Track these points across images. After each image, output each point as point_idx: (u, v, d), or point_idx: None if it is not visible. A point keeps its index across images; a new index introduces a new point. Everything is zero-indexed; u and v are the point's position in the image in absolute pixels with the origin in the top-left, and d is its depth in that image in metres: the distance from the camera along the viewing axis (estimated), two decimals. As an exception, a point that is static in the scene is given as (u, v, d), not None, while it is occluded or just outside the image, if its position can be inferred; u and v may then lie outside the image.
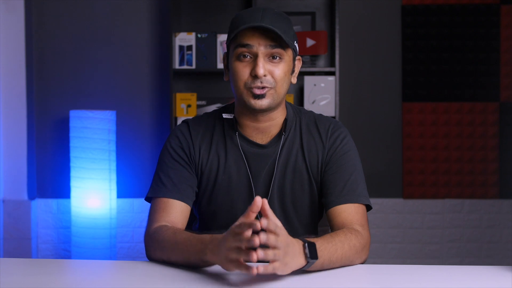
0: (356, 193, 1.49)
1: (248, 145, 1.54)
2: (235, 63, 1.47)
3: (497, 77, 3.30)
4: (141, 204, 3.30)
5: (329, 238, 1.32)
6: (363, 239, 1.40)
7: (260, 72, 1.43)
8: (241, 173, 1.53)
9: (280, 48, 1.45)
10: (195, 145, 1.55)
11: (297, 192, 1.54)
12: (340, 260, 1.32)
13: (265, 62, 1.44)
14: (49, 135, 3.31)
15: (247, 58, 1.45)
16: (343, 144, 1.55)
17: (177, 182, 1.51)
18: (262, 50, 1.44)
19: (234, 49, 1.47)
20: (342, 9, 3.23)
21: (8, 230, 3.20)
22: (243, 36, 1.45)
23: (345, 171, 1.52)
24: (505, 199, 3.32)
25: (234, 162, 1.54)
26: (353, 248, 1.35)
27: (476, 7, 3.30)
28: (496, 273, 1.32)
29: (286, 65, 1.48)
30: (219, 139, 1.56)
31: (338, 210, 1.47)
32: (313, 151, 1.55)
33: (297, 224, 1.55)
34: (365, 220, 1.48)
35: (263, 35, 1.43)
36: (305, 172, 1.54)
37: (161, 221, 1.45)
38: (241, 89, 1.47)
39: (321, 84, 3.08)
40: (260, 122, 1.53)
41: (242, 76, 1.46)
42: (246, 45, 1.44)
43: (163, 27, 3.30)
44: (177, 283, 1.22)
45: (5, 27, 3.18)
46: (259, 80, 1.44)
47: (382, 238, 3.35)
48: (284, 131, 1.54)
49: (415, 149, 3.33)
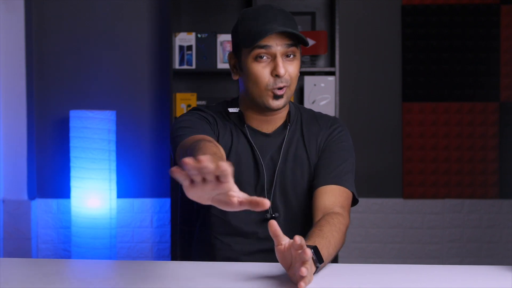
0: (343, 178, 1.53)
1: (254, 134, 1.59)
2: (252, 64, 1.49)
3: (497, 77, 3.30)
4: (141, 204, 3.31)
5: (319, 233, 1.33)
6: (344, 220, 1.43)
7: (282, 72, 1.46)
8: (249, 158, 1.57)
9: (295, 47, 1.49)
10: (213, 118, 1.58)
11: (298, 178, 1.58)
12: (334, 250, 1.35)
13: (284, 61, 1.48)
14: (49, 135, 3.31)
15: (264, 59, 1.48)
16: (341, 135, 1.61)
17: (203, 128, 1.51)
18: (280, 50, 1.47)
19: (251, 50, 1.48)
20: (342, 9, 3.23)
21: (8, 230, 3.20)
22: None
23: (337, 158, 1.56)
24: (505, 199, 3.32)
25: (244, 147, 1.57)
26: (340, 231, 1.39)
27: (476, 7, 3.30)
28: (496, 273, 1.32)
29: (298, 63, 1.53)
30: (231, 125, 1.60)
31: (323, 190, 1.51)
32: (313, 140, 1.60)
33: (296, 209, 1.57)
34: (347, 203, 1.52)
35: (280, 35, 1.46)
36: (306, 159, 1.59)
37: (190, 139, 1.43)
38: (262, 90, 1.49)
39: (321, 84, 3.08)
40: (266, 115, 1.58)
41: (263, 78, 1.48)
42: (265, 46, 1.46)
43: (163, 27, 3.30)
44: (177, 283, 1.22)
45: (5, 27, 3.18)
46: (280, 80, 1.48)
47: (382, 238, 3.35)
48: (289, 122, 1.59)
49: (415, 149, 3.34)
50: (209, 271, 1.29)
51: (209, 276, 1.25)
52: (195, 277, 1.25)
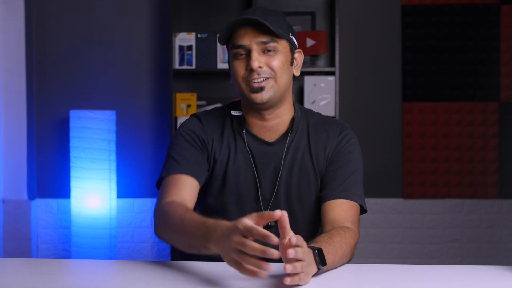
0: (351, 191, 1.51)
1: (255, 142, 1.56)
2: (233, 62, 1.52)
3: (497, 77, 3.30)
4: (141, 204, 3.30)
5: (329, 240, 1.32)
6: (355, 236, 1.43)
7: (254, 65, 1.46)
8: (248, 169, 1.55)
9: (272, 42, 1.48)
10: (208, 135, 1.57)
11: (304, 190, 1.55)
12: (340, 260, 1.34)
13: (259, 56, 1.48)
14: (49, 135, 3.31)
15: (242, 56, 1.50)
16: (349, 144, 1.57)
17: (190, 161, 1.52)
18: (255, 47, 1.48)
19: (230, 50, 1.52)
20: (342, 9, 3.23)
21: (8, 230, 3.20)
22: (236, 37, 1.49)
23: (346, 169, 1.54)
24: (505, 199, 3.32)
25: (243, 157, 1.56)
26: (349, 246, 1.38)
27: (476, 7, 3.30)
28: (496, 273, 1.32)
29: (283, 56, 1.51)
30: (229, 133, 1.58)
31: (332, 204, 1.49)
32: (320, 150, 1.56)
33: (302, 223, 1.56)
34: (356, 218, 1.50)
35: (254, 31, 1.47)
36: (312, 170, 1.55)
37: (172, 196, 1.46)
38: (240, 84, 1.51)
39: (321, 84, 3.08)
40: (267, 120, 1.55)
41: (239, 72, 1.50)
42: (240, 45, 1.49)
43: (163, 27, 3.30)
44: (177, 283, 1.22)
45: (5, 27, 3.18)
46: (255, 73, 1.47)
47: (382, 238, 3.35)
48: (291, 130, 1.56)
49: (415, 149, 3.33)
50: (209, 271, 1.29)
51: (209, 276, 1.25)
52: (195, 277, 1.25)
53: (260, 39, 1.47)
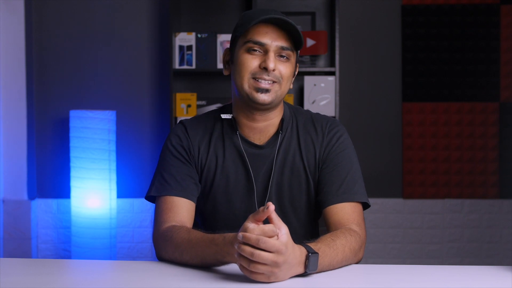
0: (352, 191, 1.49)
1: (246, 145, 1.54)
2: (243, 54, 1.48)
3: (497, 77, 3.30)
4: (141, 204, 3.30)
5: (331, 242, 1.31)
6: (360, 239, 1.41)
7: (271, 66, 1.44)
8: (239, 173, 1.54)
9: (289, 50, 1.48)
10: (193, 144, 1.56)
11: (295, 191, 1.54)
12: (340, 263, 1.33)
13: (275, 58, 1.46)
14: (49, 135, 3.31)
15: (256, 52, 1.47)
16: (340, 142, 1.55)
17: (180, 180, 1.51)
18: (274, 48, 1.46)
19: (244, 43, 1.47)
20: (342, 9, 3.23)
21: (8, 230, 3.20)
22: (256, 33, 1.46)
23: (342, 170, 1.52)
24: (505, 199, 3.32)
25: (232, 162, 1.54)
26: (353, 250, 1.36)
27: (476, 7, 3.30)
28: (496, 273, 1.32)
29: (291, 66, 1.50)
30: (217, 139, 1.56)
31: (335, 209, 1.47)
32: (311, 150, 1.55)
33: (295, 224, 1.55)
34: (361, 218, 1.48)
35: (276, 33, 1.46)
36: (303, 171, 1.54)
37: (170, 221, 1.45)
38: (245, 79, 1.47)
39: (321, 84, 3.08)
40: (257, 122, 1.53)
41: (249, 67, 1.47)
42: (259, 42, 1.46)
43: (163, 27, 3.30)
44: (177, 283, 1.22)
45: (5, 27, 3.18)
46: (267, 73, 1.45)
47: (382, 238, 3.35)
48: (281, 131, 1.54)
49: (415, 149, 3.34)
50: (209, 271, 1.29)
51: (209, 276, 1.25)
52: (195, 277, 1.25)
53: (280, 43, 1.46)
